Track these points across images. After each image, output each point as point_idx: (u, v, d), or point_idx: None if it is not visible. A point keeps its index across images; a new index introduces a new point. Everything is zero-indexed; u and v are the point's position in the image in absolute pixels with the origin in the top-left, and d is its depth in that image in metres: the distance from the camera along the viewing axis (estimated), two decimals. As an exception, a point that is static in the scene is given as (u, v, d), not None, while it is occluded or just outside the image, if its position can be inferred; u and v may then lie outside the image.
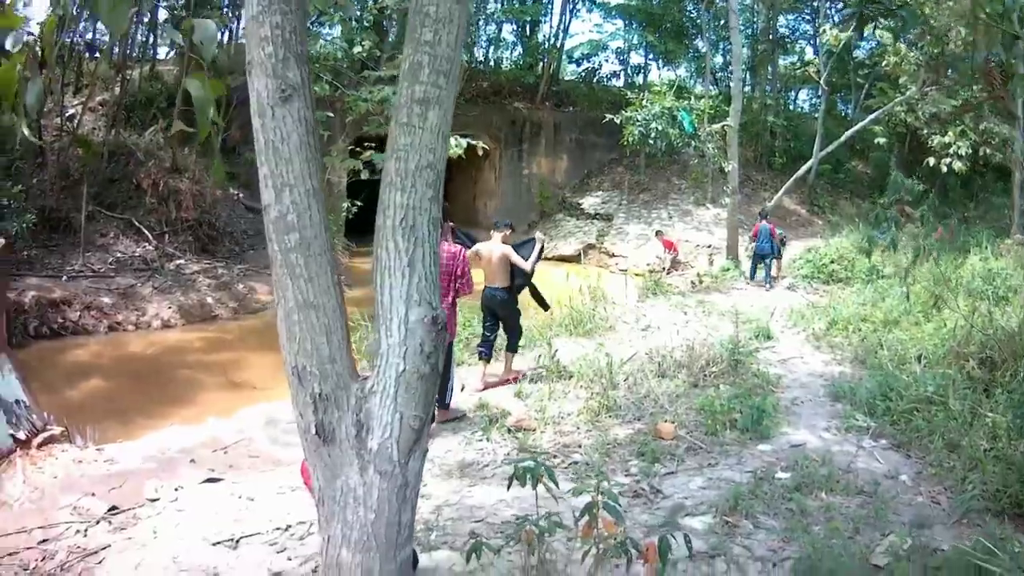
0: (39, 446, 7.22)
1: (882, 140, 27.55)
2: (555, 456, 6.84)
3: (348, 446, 3.49)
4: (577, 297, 13.41)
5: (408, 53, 3.55)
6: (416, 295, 3.44)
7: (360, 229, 20.34)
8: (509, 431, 7.62)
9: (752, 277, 18.73)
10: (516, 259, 9.28)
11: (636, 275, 20.10)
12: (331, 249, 3.56)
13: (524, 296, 9.89)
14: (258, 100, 3.47)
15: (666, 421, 7.61)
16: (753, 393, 8.42)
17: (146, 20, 23.66)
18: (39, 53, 14.55)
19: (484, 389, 9.25)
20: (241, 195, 21.11)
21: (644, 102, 25.75)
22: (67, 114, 19.83)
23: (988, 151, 23.53)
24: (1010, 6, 8.63)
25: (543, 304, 10.41)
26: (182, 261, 17.73)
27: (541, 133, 31.77)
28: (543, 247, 9.79)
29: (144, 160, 18.98)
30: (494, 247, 9.34)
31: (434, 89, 3.47)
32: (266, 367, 11.88)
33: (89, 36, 23.14)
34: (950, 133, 22.99)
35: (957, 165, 23.07)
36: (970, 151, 23.00)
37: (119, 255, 17.07)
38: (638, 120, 24.65)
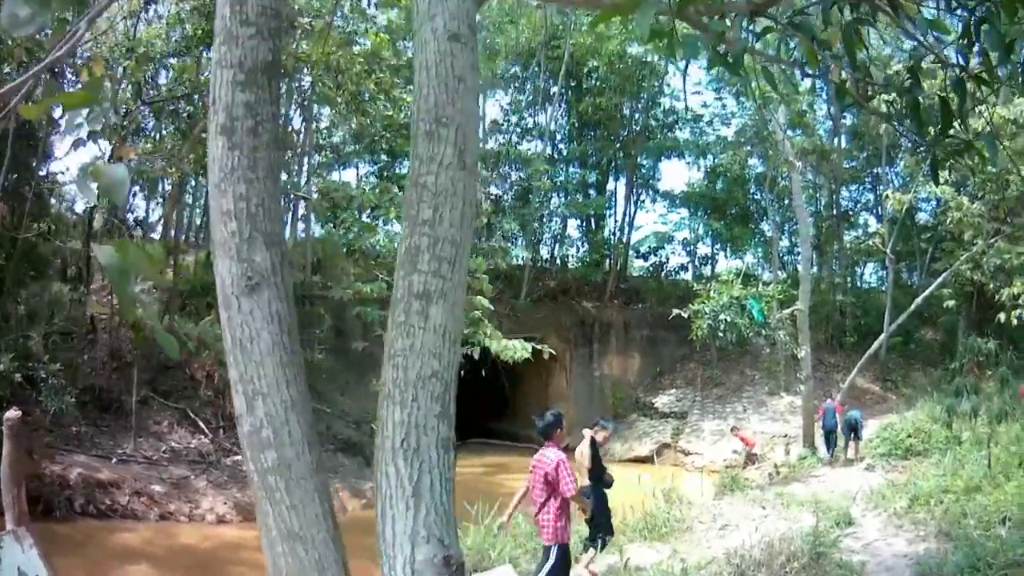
0: (64, 626, 6.76)
1: (951, 303, 27.22)
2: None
3: None
4: (650, 500, 13.27)
5: (404, 236, 3.05)
6: (423, 531, 2.84)
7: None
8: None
9: (831, 455, 19.06)
10: (586, 460, 8.98)
11: (712, 472, 19.93)
12: (319, 472, 3.07)
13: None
14: (222, 288, 2.96)
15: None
16: (837, 586, 8.22)
17: (201, 203, 23.89)
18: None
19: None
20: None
21: (711, 293, 26.12)
22: (118, 292, 20.22)
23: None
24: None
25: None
26: (240, 457, 17.25)
27: (611, 332, 32.00)
28: (593, 440, 9.21)
29: (196, 350, 18.80)
30: (584, 447, 9.23)
31: (436, 280, 2.94)
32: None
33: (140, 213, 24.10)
34: (1016, 283, 22.75)
35: (1027, 315, 22.69)
36: (1038, 298, 22.68)
37: (173, 445, 17.13)
38: (706, 313, 24.95)
